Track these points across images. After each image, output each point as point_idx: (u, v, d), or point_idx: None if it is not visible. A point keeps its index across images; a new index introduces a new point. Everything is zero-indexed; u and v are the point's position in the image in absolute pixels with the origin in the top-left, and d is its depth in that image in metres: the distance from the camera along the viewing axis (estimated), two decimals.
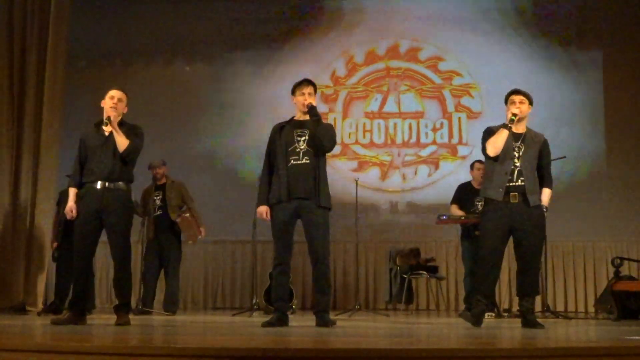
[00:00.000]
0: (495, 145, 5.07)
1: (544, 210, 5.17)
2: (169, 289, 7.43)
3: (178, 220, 7.45)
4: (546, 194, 5.18)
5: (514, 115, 5.04)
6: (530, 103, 5.17)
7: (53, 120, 7.90)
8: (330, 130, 5.09)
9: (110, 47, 9.73)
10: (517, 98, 5.13)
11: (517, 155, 5.09)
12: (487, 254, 5.08)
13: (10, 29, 7.97)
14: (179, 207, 7.51)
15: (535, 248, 5.11)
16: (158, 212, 7.50)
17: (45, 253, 7.56)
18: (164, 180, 7.62)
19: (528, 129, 5.21)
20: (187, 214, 7.52)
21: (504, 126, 5.06)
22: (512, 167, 5.07)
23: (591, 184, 9.18)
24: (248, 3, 9.82)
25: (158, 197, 7.55)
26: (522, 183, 5.04)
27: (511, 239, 5.17)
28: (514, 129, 5.13)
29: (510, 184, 5.05)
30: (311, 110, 5.04)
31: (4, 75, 7.88)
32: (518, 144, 5.11)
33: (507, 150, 5.07)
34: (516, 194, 5.03)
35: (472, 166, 7.42)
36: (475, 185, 7.26)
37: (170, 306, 7.33)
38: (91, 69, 9.59)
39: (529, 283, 5.11)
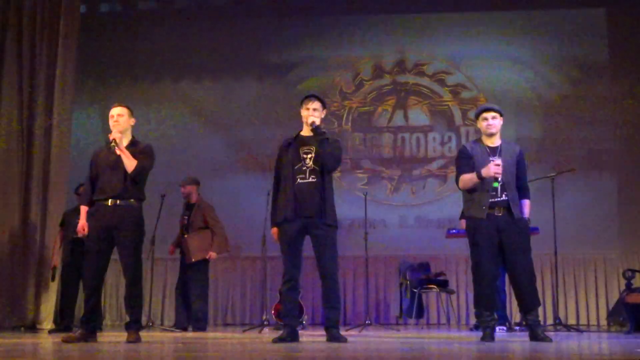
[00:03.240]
0: (465, 187, 5.17)
1: (528, 221, 5.17)
2: (197, 307, 7.25)
3: (185, 236, 7.36)
4: (527, 206, 5.19)
5: (496, 180, 4.99)
6: (501, 115, 5.21)
7: (62, 139, 7.95)
8: (334, 150, 5.06)
9: (118, 65, 9.77)
10: (489, 114, 5.16)
11: None
12: (483, 269, 5.05)
13: (19, 49, 8.04)
14: (198, 229, 7.36)
15: (525, 260, 5.06)
16: (185, 234, 7.35)
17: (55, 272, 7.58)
18: (193, 200, 7.47)
19: (503, 140, 5.23)
20: (201, 234, 7.38)
21: (479, 177, 5.01)
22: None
23: (601, 196, 9.13)
24: (254, 21, 9.87)
25: (186, 217, 7.41)
26: (506, 197, 5.05)
27: None
28: (488, 143, 5.19)
29: (496, 199, 5.05)
30: (314, 129, 5.03)
31: (14, 94, 7.96)
32: (495, 158, 5.09)
33: (485, 166, 5.04)
34: (501, 207, 5.05)
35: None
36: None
37: (199, 324, 7.23)
38: (100, 87, 9.64)
39: (528, 298, 5.06)
